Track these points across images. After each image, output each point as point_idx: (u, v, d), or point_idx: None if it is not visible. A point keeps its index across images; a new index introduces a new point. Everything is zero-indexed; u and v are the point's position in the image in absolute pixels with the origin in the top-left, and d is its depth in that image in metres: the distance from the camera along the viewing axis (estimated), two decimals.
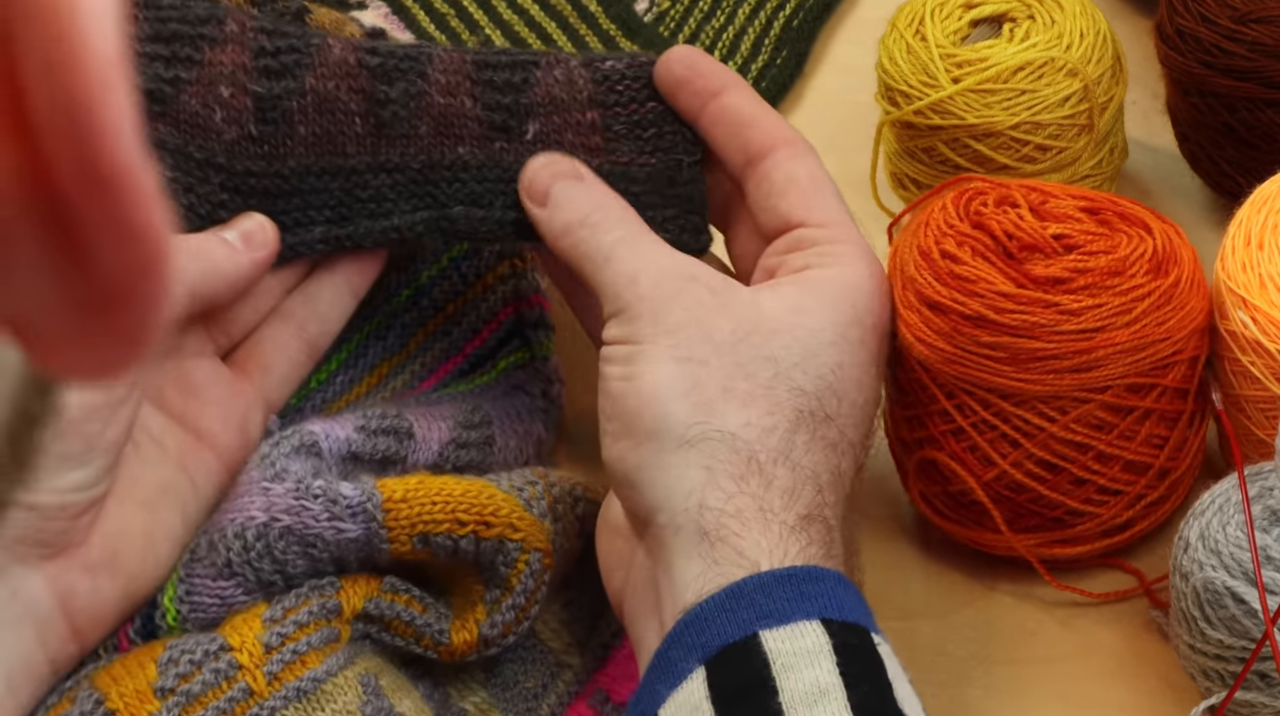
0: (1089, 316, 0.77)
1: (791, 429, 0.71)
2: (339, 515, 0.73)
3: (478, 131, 0.81)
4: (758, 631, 0.65)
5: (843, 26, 1.09)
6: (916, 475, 0.83)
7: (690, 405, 0.70)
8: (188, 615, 0.74)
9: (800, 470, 0.70)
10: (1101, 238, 0.79)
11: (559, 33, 1.08)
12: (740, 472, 0.69)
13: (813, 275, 0.76)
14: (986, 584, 0.83)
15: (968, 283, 0.78)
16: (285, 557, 0.74)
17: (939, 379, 0.79)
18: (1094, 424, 0.78)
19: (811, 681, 0.64)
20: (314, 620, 0.72)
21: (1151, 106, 0.99)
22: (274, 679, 0.71)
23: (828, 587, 0.66)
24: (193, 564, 0.75)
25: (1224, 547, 0.74)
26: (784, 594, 0.66)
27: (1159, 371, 0.78)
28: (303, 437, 0.76)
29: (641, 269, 0.75)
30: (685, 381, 0.71)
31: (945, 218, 0.81)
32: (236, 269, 0.77)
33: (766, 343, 0.72)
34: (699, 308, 0.73)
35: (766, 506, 0.68)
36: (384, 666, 0.74)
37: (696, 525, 0.68)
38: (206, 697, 0.70)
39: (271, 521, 0.74)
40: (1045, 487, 0.80)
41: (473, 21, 1.10)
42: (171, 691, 0.70)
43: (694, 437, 0.70)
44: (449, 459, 0.80)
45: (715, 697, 0.64)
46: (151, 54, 0.80)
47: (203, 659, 0.71)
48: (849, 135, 1.00)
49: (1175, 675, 0.78)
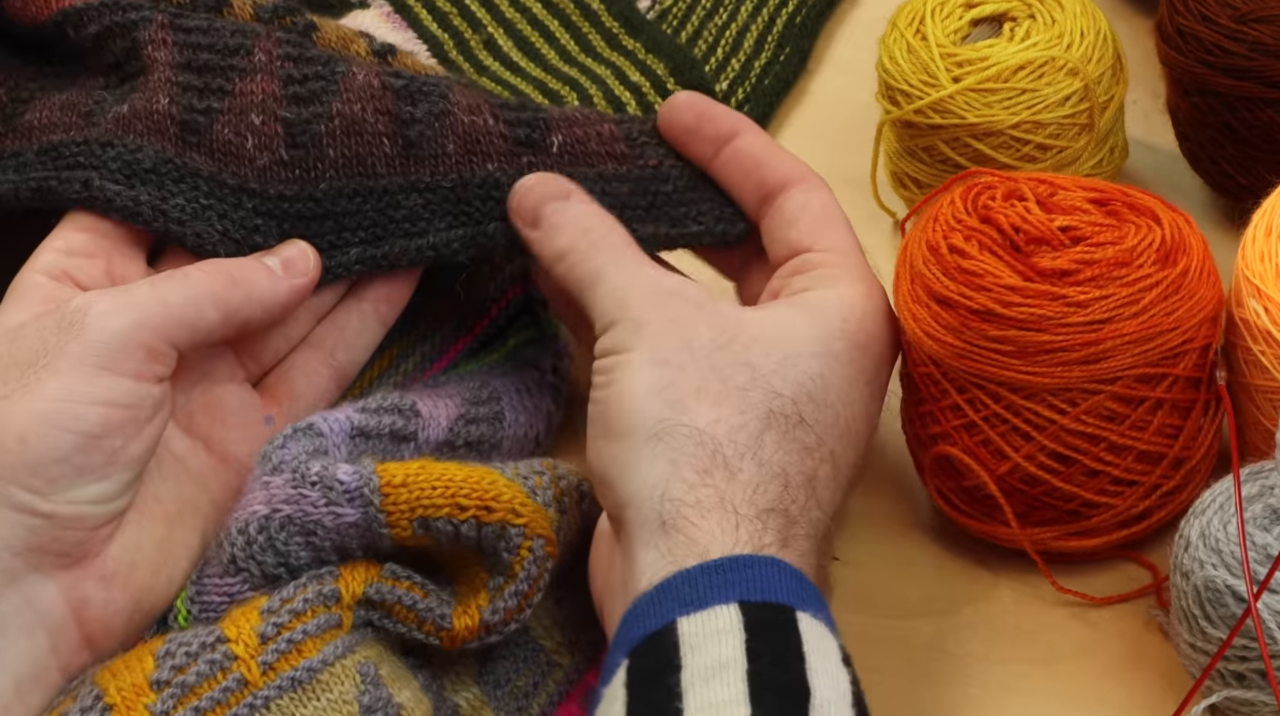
0: (1096, 308, 0.77)
1: (761, 427, 0.71)
2: (336, 500, 0.74)
3: (504, 148, 0.82)
4: (676, 618, 0.66)
5: (843, 26, 1.09)
6: (932, 471, 0.83)
7: (662, 403, 0.72)
8: (198, 615, 0.75)
9: (767, 467, 0.71)
10: (1109, 229, 0.80)
11: (561, 31, 1.08)
12: (705, 466, 0.70)
13: (809, 296, 0.77)
14: (989, 582, 0.83)
15: (975, 277, 0.78)
16: (287, 548, 0.74)
17: (949, 374, 0.79)
18: (1105, 415, 0.79)
19: (714, 657, 0.64)
20: (310, 607, 0.72)
21: (1152, 106, 1.00)
22: (269, 668, 0.71)
23: (755, 573, 0.67)
24: (204, 566, 0.75)
25: (1224, 546, 0.74)
26: (706, 581, 0.67)
27: (1169, 361, 0.78)
28: (295, 424, 0.77)
29: (629, 287, 0.76)
30: (659, 382, 0.72)
31: (953, 212, 0.81)
32: (275, 295, 0.78)
33: (746, 350, 0.73)
34: (680, 318, 0.74)
35: (728, 498, 0.69)
36: (385, 655, 0.74)
37: (658, 515, 0.69)
38: (201, 688, 0.70)
39: (272, 513, 0.74)
40: (1059, 480, 0.80)
41: (475, 20, 1.10)
42: (167, 683, 0.71)
43: (661, 432, 0.71)
44: (460, 434, 0.80)
45: (630, 682, 0.65)
46: (185, 84, 0.81)
47: (199, 651, 0.71)
48: (849, 135, 1.00)
49: (1176, 674, 0.78)
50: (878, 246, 0.96)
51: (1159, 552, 0.83)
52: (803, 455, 0.72)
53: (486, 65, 1.08)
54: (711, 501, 0.69)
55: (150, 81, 0.82)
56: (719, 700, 0.63)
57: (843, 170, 0.96)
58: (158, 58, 0.82)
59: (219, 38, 0.82)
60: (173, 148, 0.81)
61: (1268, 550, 0.73)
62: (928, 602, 0.83)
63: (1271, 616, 0.72)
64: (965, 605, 0.83)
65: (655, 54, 1.06)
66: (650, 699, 0.64)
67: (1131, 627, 0.81)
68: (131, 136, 0.80)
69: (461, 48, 1.08)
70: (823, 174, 0.82)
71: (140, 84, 0.82)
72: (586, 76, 1.05)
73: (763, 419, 0.72)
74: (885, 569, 0.84)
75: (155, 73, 0.82)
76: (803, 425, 0.72)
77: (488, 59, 1.08)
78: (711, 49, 1.07)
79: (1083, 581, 0.82)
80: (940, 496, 0.83)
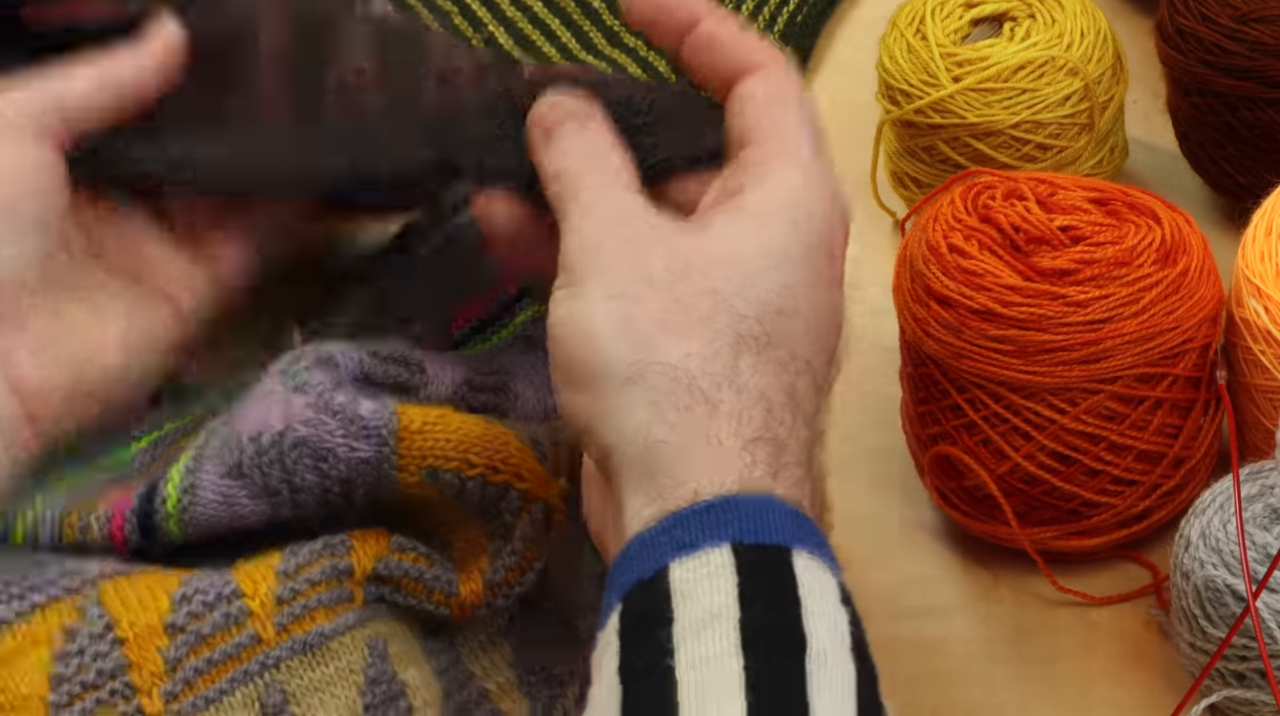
0: (1095, 307, 0.77)
1: (734, 353, 0.70)
2: (354, 433, 0.74)
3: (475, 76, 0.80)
4: (668, 563, 0.64)
5: (843, 26, 1.09)
6: (933, 471, 0.83)
7: (629, 343, 0.69)
8: (188, 506, 0.74)
9: (747, 393, 0.69)
10: (1108, 228, 0.80)
11: (563, 29, 1.08)
12: (685, 403, 0.68)
13: (747, 199, 0.74)
14: (989, 582, 0.83)
15: (975, 277, 0.78)
16: (295, 468, 0.74)
17: (949, 373, 0.79)
18: (1105, 415, 0.79)
19: (706, 606, 0.63)
20: (325, 579, 0.73)
21: (1152, 106, 1.00)
22: (283, 630, 0.71)
23: (748, 512, 0.66)
24: (201, 460, 0.75)
25: (1225, 546, 0.74)
26: (698, 523, 0.65)
27: (1169, 360, 0.78)
28: (319, 353, 0.76)
29: (596, 207, 0.72)
30: (619, 318, 0.70)
31: (953, 212, 0.81)
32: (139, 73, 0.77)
33: (705, 276, 0.71)
34: (632, 244, 0.71)
35: (712, 433, 0.68)
36: (398, 633, 0.74)
37: (643, 459, 0.68)
38: (215, 640, 0.70)
39: (288, 430, 0.74)
40: (1059, 479, 0.80)
41: (476, 19, 1.10)
42: (182, 629, 0.70)
43: (635, 375, 0.69)
44: (464, 399, 0.80)
45: (622, 630, 0.64)
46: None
47: (215, 601, 0.71)
48: (849, 135, 1.00)
49: (1176, 674, 0.78)
50: (878, 246, 0.96)
51: (1159, 552, 0.83)
52: (779, 372, 0.70)
53: None
54: (695, 438, 0.67)
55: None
56: (710, 653, 0.63)
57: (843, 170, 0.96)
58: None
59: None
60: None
61: (1268, 549, 0.73)
62: (928, 603, 0.83)
63: (1271, 616, 0.72)
64: (965, 605, 0.83)
65: (657, 51, 1.06)
66: (643, 651, 0.63)
67: (1131, 627, 0.81)
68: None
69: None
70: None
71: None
72: None
73: (733, 344, 0.70)
74: (885, 569, 0.84)
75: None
76: (774, 343, 0.71)
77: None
78: None
79: (1083, 581, 0.82)
80: (940, 496, 0.83)
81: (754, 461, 0.67)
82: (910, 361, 0.82)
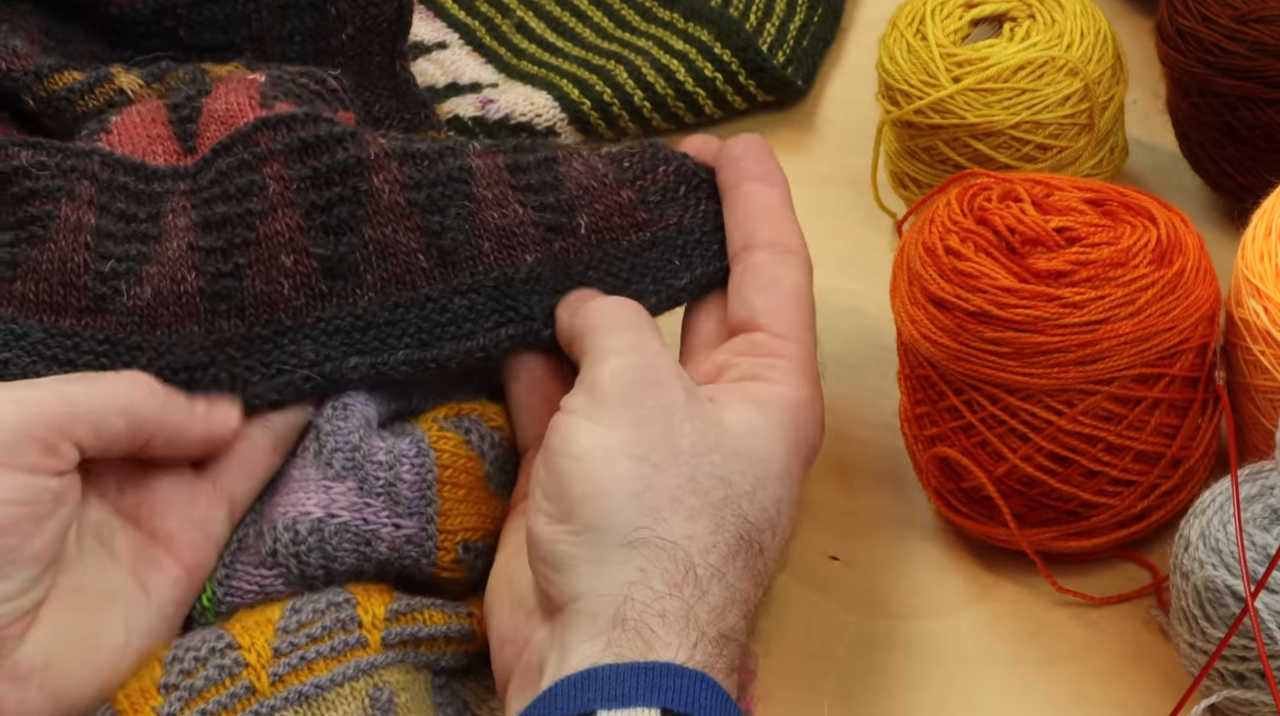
0: (1091, 308, 0.77)
1: (731, 552, 0.71)
2: (400, 513, 0.74)
3: (537, 235, 0.81)
4: (596, 711, 0.65)
5: (844, 26, 1.09)
6: (931, 472, 0.83)
7: (639, 509, 0.70)
8: (223, 597, 0.75)
9: (731, 591, 0.71)
10: (1104, 229, 0.80)
11: (593, 9, 1.08)
12: (676, 580, 0.69)
13: (759, 391, 0.76)
14: (989, 582, 0.84)
15: (971, 278, 0.78)
16: (337, 553, 0.74)
17: (946, 375, 0.79)
18: (1102, 415, 0.79)
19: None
20: (328, 633, 0.73)
21: (1152, 106, 1.00)
22: (278, 680, 0.71)
23: (684, 684, 0.66)
24: (238, 552, 0.75)
25: (1224, 546, 0.74)
26: (635, 681, 0.66)
27: (1166, 361, 0.78)
28: (358, 413, 0.77)
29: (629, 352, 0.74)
30: (638, 483, 0.71)
31: (950, 214, 0.81)
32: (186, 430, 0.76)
33: (725, 463, 0.73)
34: (668, 411, 0.73)
35: (695, 614, 0.69)
36: (411, 685, 0.74)
37: (614, 613, 0.68)
38: (210, 692, 0.71)
39: (328, 517, 0.74)
40: (1057, 481, 0.80)
41: (503, 4, 1.09)
42: (175, 687, 0.71)
43: (637, 541, 0.70)
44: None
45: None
46: (207, 248, 0.79)
47: (208, 655, 0.71)
48: (849, 135, 1.00)
49: (1176, 674, 0.78)
50: (878, 246, 0.97)
51: (1159, 552, 0.83)
52: (755, 582, 0.72)
53: (524, 49, 1.07)
54: (678, 613, 0.68)
55: (169, 252, 0.79)
56: None
57: (843, 170, 0.96)
58: (177, 224, 0.79)
59: (229, 182, 0.80)
60: (201, 328, 0.78)
61: (1267, 550, 0.73)
62: (928, 603, 0.83)
63: (1270, 616, 0.72)
64: (965, 605, 0.83)
65: (696, 22, 1.05)
66: None
67: (1131, 627, 0.81)
68: (159, 331, 0.78)
69: (494, 33, 1.08)
70: (823, 174, 0.82)
71: (155, 253, 0.79)
72: (629, 49, 1.05)
73: (733, 545, 0.71)
74: (885, 569, 0.84)
75: (174, 240, 0.79)
76: (760, 554, 0.73)
77: (523, 42, 1.07)
78: (744, 16, 1.07)
79: (1083, 581, 0.82)
80: (939, 497, 0.83)
81: (719, 654, 0.69)
82: (908, 363, 0.82)
